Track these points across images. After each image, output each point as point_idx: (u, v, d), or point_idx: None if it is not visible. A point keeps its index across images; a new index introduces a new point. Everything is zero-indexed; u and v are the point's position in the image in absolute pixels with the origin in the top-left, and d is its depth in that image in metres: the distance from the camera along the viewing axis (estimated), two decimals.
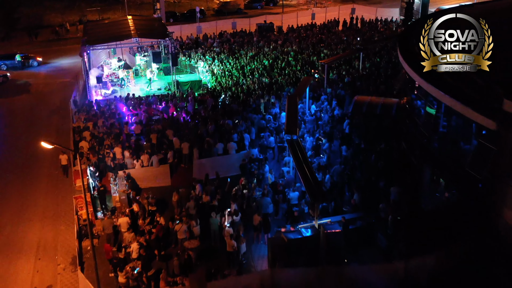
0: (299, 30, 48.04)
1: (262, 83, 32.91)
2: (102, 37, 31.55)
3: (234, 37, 44.42)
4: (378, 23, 50.03)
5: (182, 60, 39.54)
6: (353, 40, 43.05)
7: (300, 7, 68.43)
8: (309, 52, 39.53)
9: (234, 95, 31.07)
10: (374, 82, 31.92)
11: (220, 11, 65.50)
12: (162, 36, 31.03)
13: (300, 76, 33.96)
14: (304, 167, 18.65)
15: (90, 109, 28.24)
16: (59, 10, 69.88)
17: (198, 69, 37.93)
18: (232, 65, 37.00)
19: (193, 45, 42.56)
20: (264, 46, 41.71)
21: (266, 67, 36.33)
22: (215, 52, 40.19)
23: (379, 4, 68.91)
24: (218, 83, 33.79)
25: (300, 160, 19.21)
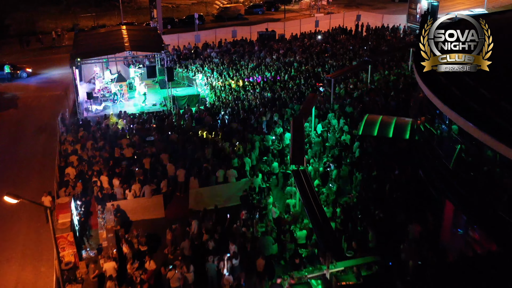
0: (303, 38, 46.19)
1: (264, 98, 31.03)
2: (93, 50, 29.62)
3: (234, 46, 42.57)
4: (384, 31, 48.18)
5: (179, 72, 37.70)
6: (359, 49, 41.23)
7: (303, 12, 66.65)
8: (313, 63, 37.66)
9: (234, 111, 29.19)
10: (384, 97, 30.06)
11: (220, 16, 63.67)
12: (157, 49, 29.16)
13: (304, 90, 32.10)
14: (313, 205, 16.79)
15: (78, 129, 26.33)
16: (54, 15, 68.08)
17: (196, 82, 36.07)
18: (232, 77, 35.14)
19: (191, 55, 40.68)
20: (266, 57, 39.85)
21: (269, 79, 34.45)
22: (214, 63, 38.33)
23: (384, 9, 67.21)
24: (217, 98, 31.92)
25: (308, 195, 17.35)
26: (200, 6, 73.23)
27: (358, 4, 72.03)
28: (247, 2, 71.66)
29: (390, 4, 71.31)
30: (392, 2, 72.93)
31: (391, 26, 49.75)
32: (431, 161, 20.08)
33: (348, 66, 35.78)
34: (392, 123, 24.21)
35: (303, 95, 31.57)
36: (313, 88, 32.62)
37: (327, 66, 37.03)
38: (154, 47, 29.47)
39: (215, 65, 37.72)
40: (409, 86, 31.79)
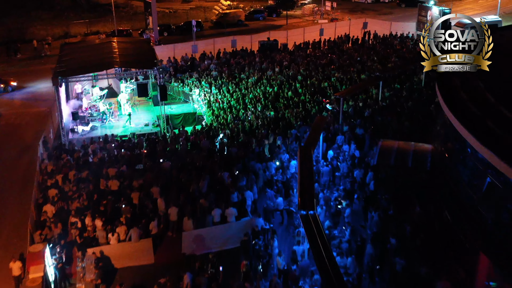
0: (307, 48, 43.91)
1: (266, 118, 28.70)
2: (78, 67, 27.26)
3: (234, 57, 40.25)
4: (393, 40, 45.87)
5: (174, 86, 35.40)
6: (367, 60, 38.91)
7: (305, 19, 64.40)
8: (319, 77, 35.32)
9: (234, 134, 26.86)
10: (397, 116, 27.75)
11: (218, 23, 61.43)
12: (150, 65, 26.83)
13: (310, 108, 29.79)
14: (324, 258, 14.46)
15: (60, 155, 23.99)
16: (46, 21, 65.80)
17: (192, 98, 33.77)
18: (232, 93, 32.83)
19: (188, 67, 38.36)
20: (268, 69, 37.54)
21: (271, 96, 32.11)
22: (212, 76, 36.01)
23: (391, 15, 65.05)
24: (215, 118, 29.59)
25: (318, 245, 15.03)
26: (198, 11, 71.01)
27: (363, 9, 69.89)
28: (247, 8, 69.43)
29: (397, 9, 69.13)
30: (399, 7, 70.74)
31: (399, 34, 47.46)
32: (457, 199, 17.80)
33: (357, 82, 33.48)
34: (411, 149, 21.96)
35: (309, 113, 29.30)
36: (319, 106, 30.31)
37: (334, 79, 34.71)
38: (146, 63, 27.14)
39: (213, 79, 35.41)
40: (423, 103, 29.54)
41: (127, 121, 29.04)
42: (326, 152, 24.34)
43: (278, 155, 24.07)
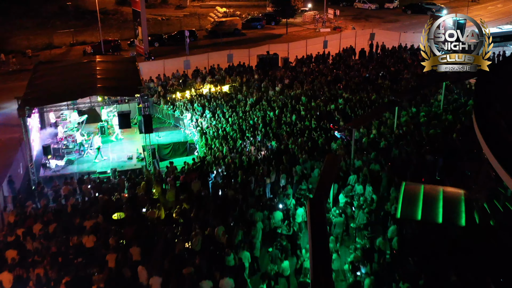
0: (310, 62, 40.69)
1: (267, 149, 25.44)
2: (50, 94, 23.82)
3: (230, 74, 36.95)
4: (403, 52, 42.71)
5: (163, 109, 32.12)
6: (377, 77, 35.72)
7: (306, 27, 61.26)
8: (325, 97, 32.06)
9: (230, 170, 23.55)
10: (417, 148, 24.50)
11: (214, 32, 58.28)
12: (133, 91, 23.47)
13: (316, 137, 26.49)
14: None
15: (25, 203, 20.61)
16: (30, 30, 62.44)
17: (184, 122, 30.49)
18: (227, 117, 29.56)
19: (179, 85, 35.06)
20: (268, 88, 34.27)
21: (272, 121, 28.83)
22: (206, 97, 32.73)
23: (397, 22, 62.12)
24: (208, 149, 26.28)
25: None
26: (192, 18, 67.90)
27: (367, 16, 66.89)
28: (244, 15, 66.27)
29: (403, 16, 66.20)
30: (405, 14, 67.79)
31: (409, 46, 44.30)
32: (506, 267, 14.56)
33: (367, 103, 30.29)
34: (439, 198, 18.64)
35: (316, 143, 26.02)
36: (326, 134, 27.02)
37: (341, 100, 31.46)
38: (129, 90, 23.78)
39: (206, 100, 32.12)
40: (444, 132, 26.30)
41: (96, 157, 25.59)
42: (337, 195, 21.09)
43: (282, 199, 20.80)
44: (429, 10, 67.22)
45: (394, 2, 71.95)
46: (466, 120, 27.65)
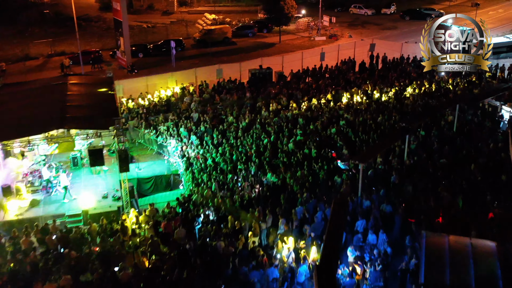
0: (306, 76, 37.90)
1: (263, 186, 22.55)
2: (11, 127, 20.66)
3: (219, 92, 34.02)
4: (406, 66, 40.05)
5: (145, 134, 29.15)
6: (380, 95, 32.98)
7: (300, 35, 58.51)
8: (324, 119, 29.25)
9: (220, 214, 20.61)
10: (431, 182, 21.78)
11: (202, 41, 55.37)
12: (106, 123, 20.41)
13: (317, 169, 23.64)
14: None
15: None
16: (6, 40, 59.05)
17: (168, 150, 27.54)
18: (217, 144, 26.67)
19: (162, 107, 32.07)
20: (262, 108, 31.39)
21: (267, 149, 25.94)
22: (192, 119, 29.78)
23: (395, 29, 59.64)
24: (195, 185, 23.32)
25: None
26: (179, 26, 64.94)
27: (363, 23, 64.37)
28: (235, 22, 63.41)
29: (401, 23, 63.71)
30: (403, 20, 65.31)
31: (412, 58, 41.63)
32: None
33: (371, 126, 27.55)
34: (469, 255, 15.85)
35: (317, 177, 23.18)
36: (329, 165, 24.18)
37: (343, 123, 28.66)
38: (102, 121, 20.72)
39: (193, 124, 29.17)
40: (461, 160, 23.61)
41: (64, 197, 22.54)
42: (345, 248, 18.27)
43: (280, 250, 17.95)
44: (428, 16, 64.64)
45: (392, 7, 69.50)
46: (482, 145, 25.04)
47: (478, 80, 36.57)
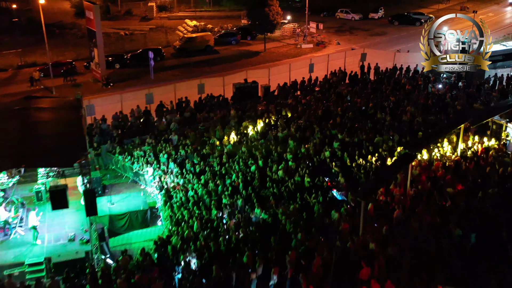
0: (295, 89, 35.58)
1: (250, 224, 20.12)
2: None
3: (200, 110, 31.47)
4: (401, 77, 37.99)
5: (119, 160, 26.54)
6: (375, 111, 30.76)
7: (286, 42, 56.24)
8: (316, 141, 26.92)
9: (204, 261, 18.10)
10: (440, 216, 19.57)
11: (183, 49, 52.78)
12: (70, 159, 17.80)
13: (312, 202, 21.29)
14: None
15: None
16: None
17: (145, 178, 24.98)
18: (199, 172, 24.20)
19: (139, 128, 29.46)
20: (248, 127, 28.98)
21: (255, 177, 23.52)
22: (172, 143, 27.23)
23: (384, 35, 57.75)
24: (175, 224, 20.77)
25: None
26: (159, 33, 62.24)
27: (351, 28, 62.41)
28: (217, 28, 60.93)
29: (390, 28, 61.91)
30: (392, 25, 63.51)
31: (405, 67, 39.58)
32: None
33: (368, 148, 25.32)
34: None
35: (311, 211, 20.83)
36: (324, 196, 21.87)
37: (337, 144, 26.37)
38: (65, 157, 18.07)
39: (172, 147, 26.63)
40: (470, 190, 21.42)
41: (34, 239, 19.91)
42: None
43: None
44: (417, 20, 63.21)
45: (379, 12, 67.65)
46: (491, 171, 22.92)
47: (477, 91, 34.68)
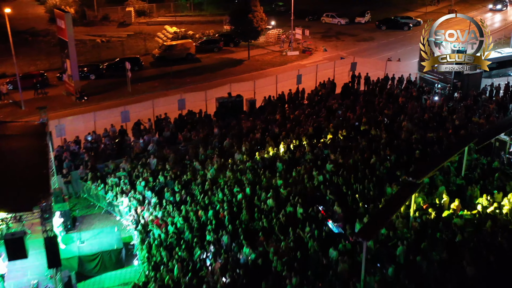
0: (283, 103, 33.51)
1: (237, 266, 17.96)
2: None
3: (181, 129, 29.21)
4: (392, 86, 36.18)
5: (92, 188, 24.18)
6: (369, 127, 28.82)
7: (271, 49, 54.21)
8: (306, 165, 24.81)
9: None
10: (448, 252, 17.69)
11: (163, 58, 50.38)
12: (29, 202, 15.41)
13: (306, 238, 19.24)
14: None
15: None
16: None
17: (119, 210, 22.66)
18: (179, 203, 21.98)
19: (113, 150, 27.11)
20: (233, 147, 26.83)
21: (242, 207, 21.37)
22: (149, 167, 24.95)
23: (372, 41, 56.12)
24: (152, 268, 18.49)
25: None
26: (137, 39, 59.72)
27: (338, 34, 60.66)
28: (198, 35, 58.66)
29: (378, 33, 60.26)
30: (379, 30, 61.90)
31: (397, 77, 37.74)
32: None
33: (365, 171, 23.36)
34: None
35: (306, 248, 18.78)
36: (319, 228, 19.85)
37: (330, 167, 24.35)
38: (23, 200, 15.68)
39: (150, 173, 24.35)
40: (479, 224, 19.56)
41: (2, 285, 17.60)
42: None
43: None
44: (405, 25, 61.71)
45: (366, 16, 66.03)
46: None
47: (474, 102, 32.97)
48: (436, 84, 36.37)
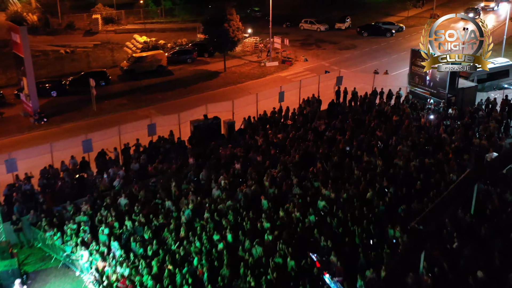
0: (264, 124, 30.67)
1: None
2: None
3: (151, 160, 26.05)
4: (383, 104, 33.69)
5: (47, 237, 20.91)
6: (360, 153, 26.22)
7: (248, 59, 51.36)
8: (297, 200, 22.05)
9: None
10: None
11: (131, 71, 47.04)
12: None
13: None
14: None
15: None
16: None
17: (80, 264, 19.47)
18: (150, 256, 18.92)
19: (73, 187, 23.81)
20: (212, 183, 23.83)
21: (223, 259, 18.43)
22: (115, 210, 21.77)
23: (355, 49, 53.82)
24: None
25: None
26: (104, 50, 56.12)
27: (317, 41, 58.16)
28: (170, 44, 55.43)
29: (360, 41, 58.00)
30: (361, 37, 59.68)
31: (386, 91, 35.28)
32: None
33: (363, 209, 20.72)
34: None
35: None
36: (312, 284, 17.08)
37: (322, 205, 21.63)
38: None
39: (115, 217, 21.19)
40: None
41: None
42: None
43: None
44: (387, 31, 59.65)
45: (346, 21, 63.80)
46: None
47: (471, 119, 30.70)
48: (429, 99, 34.11)
